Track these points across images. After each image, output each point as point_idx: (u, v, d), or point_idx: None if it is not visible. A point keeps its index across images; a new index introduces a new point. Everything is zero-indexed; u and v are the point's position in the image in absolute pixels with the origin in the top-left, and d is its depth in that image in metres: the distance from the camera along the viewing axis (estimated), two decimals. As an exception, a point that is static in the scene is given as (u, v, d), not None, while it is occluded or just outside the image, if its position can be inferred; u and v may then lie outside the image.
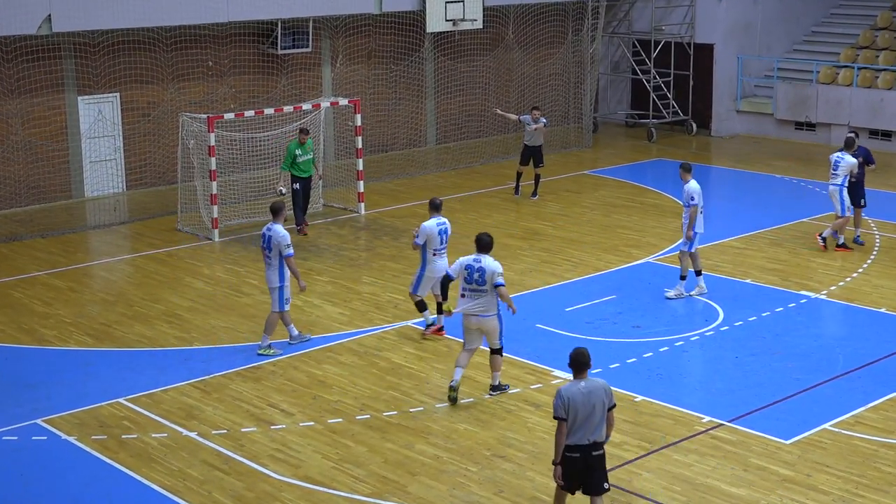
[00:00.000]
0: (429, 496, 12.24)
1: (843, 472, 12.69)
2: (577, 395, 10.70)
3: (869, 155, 21.63)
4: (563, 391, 10.77)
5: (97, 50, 24.80)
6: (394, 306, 18.18)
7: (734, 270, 19.94)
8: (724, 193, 27.28)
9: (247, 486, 12.52)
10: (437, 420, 14.13)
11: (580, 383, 10.79)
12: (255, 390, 15.12)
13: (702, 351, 16.34)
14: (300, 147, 22.15)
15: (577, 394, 10.71)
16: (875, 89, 30.23)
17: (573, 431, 10.71)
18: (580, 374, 10.87)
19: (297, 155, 22.15)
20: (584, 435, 10.74)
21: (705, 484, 12.44)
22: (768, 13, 33.25)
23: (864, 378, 15.27)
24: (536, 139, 25.18)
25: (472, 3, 29.20)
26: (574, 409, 10.66)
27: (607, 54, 34.51)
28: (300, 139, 22.17)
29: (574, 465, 10.81)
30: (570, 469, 10.84)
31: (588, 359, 10.89)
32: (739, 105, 32.91)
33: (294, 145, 22.18)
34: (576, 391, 10.73)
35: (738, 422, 13.95)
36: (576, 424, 10.70)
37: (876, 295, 18.61)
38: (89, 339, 17.05)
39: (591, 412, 10.70)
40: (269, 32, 26.94)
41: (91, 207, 24.89)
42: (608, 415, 10.83)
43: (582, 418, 10.69)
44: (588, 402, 10.69)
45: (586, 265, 20.37)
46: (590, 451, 10.79)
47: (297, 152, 22.14)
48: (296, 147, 22.15)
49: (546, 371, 15.44)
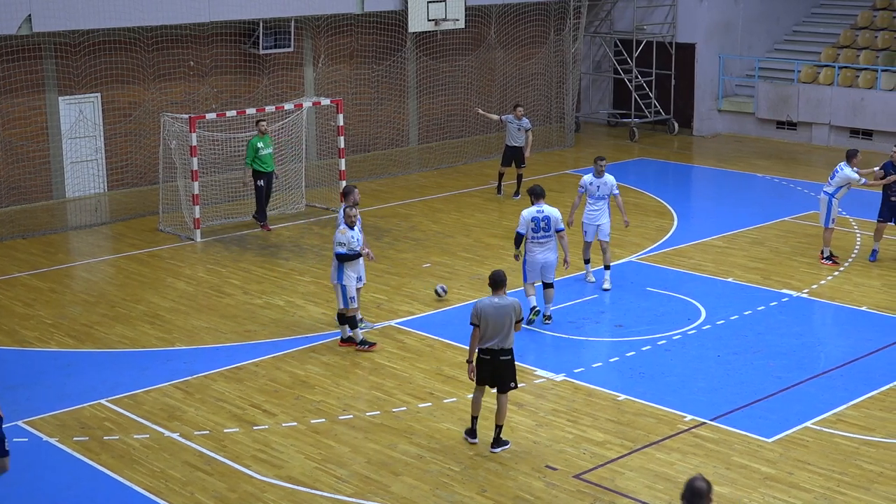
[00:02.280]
0: (412, 496, 12.24)
1: (825, 469, 12.74)
2: (489, 307, 12.76)
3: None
4: (478, 303, 12.86)
5: (78, 50, 24.71)
6: (376, 306, 18.17)
7: (716, 269, 20.00)
8: (706, 192, 27.37)
9: (229, 486, 12.50)
10: (420, 420, 14.13)
11: (494, 299, 12.84)
12: (238, 391, 15.09)
13: (684, 350, 16.38)
14: (261, 140, 22.19)
15: (489, 307, 12.77)
16: (856, 88, 30.35)
17: (485, 338, 12.78)
18: (496, 292, 12.89)
19: (259, 148, 22.20)
20: (495, 342, 12.78)
21: (688, 482, 12.47)
22: (749, 13, 33.36)
23: (845, 376, 15.33)
24: (518, 139, 25.19)
25: (454, 2, 29.20)
26: (486, 319, 12.73)
27: (589, 54, 34.57)
28: (260, 130, 22.21)
29: (485, 365, 12.95)
30: (482, 368, 12.99)
31: (503, 279, 12.91)
32: (721, 104, 33.01)
33: (256, 139, 22.24)
34: (488, 304, 12.79)
35: (720, 420, 13.99)
36: (487, 332, 12.76)
37: (857, 293, 18.69)
38: (70, 341, 16.99)
39: (500, 323, 12.73)
40: (251, 32, 26.89)
41: (72, 208, 24.80)
42: (514, 326, 12.82)
43: (493, 328, 12.75)
44: (498, 314, 12.74)
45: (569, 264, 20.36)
46: (498, 356, 12.90)
47: (259, 145, 22.19)
48: (257, 141, 22.20)
49: (529, 370, 15.46)
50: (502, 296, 12.91)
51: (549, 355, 16.15)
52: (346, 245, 15.88)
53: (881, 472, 12.67)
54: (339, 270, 16.04)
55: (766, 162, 29.04)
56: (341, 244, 15.87)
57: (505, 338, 12.86)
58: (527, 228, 16.94)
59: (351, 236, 15.95)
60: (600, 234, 18.86)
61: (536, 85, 32.63)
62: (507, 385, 13.10)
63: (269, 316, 17.93)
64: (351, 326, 16.42)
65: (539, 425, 13.93)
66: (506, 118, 25.52)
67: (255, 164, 22.32)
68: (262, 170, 22.40)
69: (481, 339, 12.84)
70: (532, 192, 17.39)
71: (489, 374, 13.06)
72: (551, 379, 15.31)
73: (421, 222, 23.44)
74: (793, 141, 31.39)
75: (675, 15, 32.88)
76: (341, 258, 15.91)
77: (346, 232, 15.92)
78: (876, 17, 32.54)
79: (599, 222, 18.83)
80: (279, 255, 21.19)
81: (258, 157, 22.26)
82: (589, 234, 18.93)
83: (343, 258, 15.90)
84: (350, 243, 15.93)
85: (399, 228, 22.95)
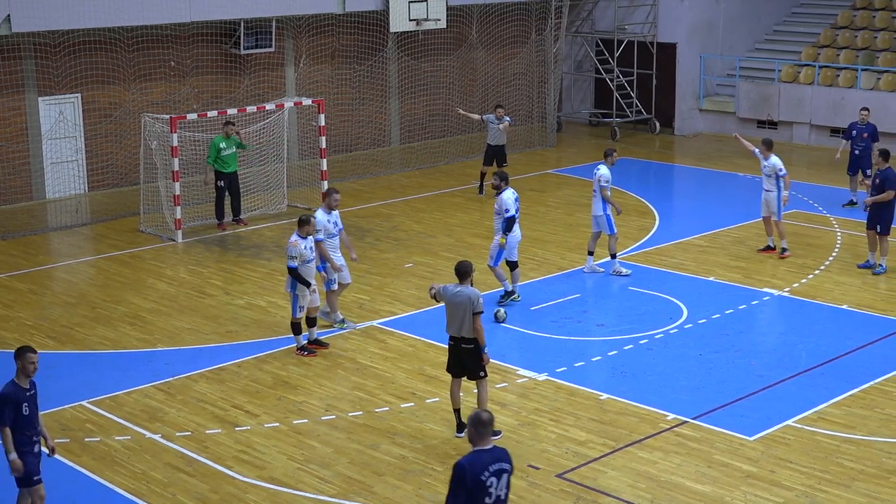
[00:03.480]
0: (395, 496, 12.23)
1: (807, 467, 12.79)
2: (448, 293, 13.18)
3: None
4: (440, 287, 13.35)
5: (58, 50, 24.61)
6: (359, 306, 18.16)
7: (698, 268, 20.05)
8: (687, 192, 27.44)
9: (211, 487, 12.47)
10: (402, 420, 14.13)
11: (456, 287, 13.17)
12: (220, 392, 15.06)
13: (666, 349, 16.41)
14: (225, 140, 22.22)
15: (448, 293, 13.18)
16: (836, 87, 30.47)
17: (448, 323, 13.24)
18: (459, 282, 13.19)
19: (222, 149, 22.22)
20: (455, 329, 13.15)
21: (670, 481, 12.50)
22: (730, 12, 33.45)
23: (826, 374, 15.39)
24: (500, 138, 25.24)
25: (436, 2, 29.18)
26: (445, 301, 13.20)
27: (570, 54, 34.61)
28: (226, 132, 22.23)
29: (451, 352, 13.35)
30: (450, 354, 13.39)
31: (467, 269, 13.21)
32: (702, 104, 33.09)
33: (219, 139, 22.31)
34: (450, 290, 13.20)
35: (702, 419, 14.02)
36: (448, 317, 13.21)
37: (837, 291, 18.76)
38: (51, 342, 16.93)
39: (456, 311, 13.06)
40: (232, 32, 26.84)
41: (52, 209, 24.70)
42: (473, 319, 12.96)
43: (450, 314, 13.16)
44: (454, 302, 13.07)
45: (551, 264, 20.43)
46: (459, 344, 13.20)
47: (221, 146, 22.23)
48: (220, 140, 22.26)
49: (511, 370, 15.47)
50: (464, 286, 13.14)
51: (531, 355, 16.17)
52: (297, 258, 15.74)
53: (862, 470, 12.72)
54: (292, 280, 15.90)
55: (747, 161, 29.06)
56: (293, 258, 15.70)
57: (461, 326, 13.10)
58: (517, 208, 17.66)
59: (304, 247, 15.85)
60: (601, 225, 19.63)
61: (518, 85, 32.66)
62: (477, 373, 13.29)
63: (251, 316, 17.90)
64: (294, 333, 16.30)
65: (521, 425, 13.94)
66: (487, 118, 25.61)
67: (217, 164, 22.36)
68: (223, 170, 22.44)
69: (447, 324, 13.32)
70: (504, 177, 18.02)
71: (456, 362, 13.36)
72: (534, 378, 15.33)
73: (403, 222, 23.44)
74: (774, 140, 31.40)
75: (656, 14, 32.95)
76: (293, 272, 15.76)
77: (297, 244, 15.75)
78: (856, 17, 32.68)
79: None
80: (261, 256, 21.15)
81: (220, 157, 22.30)
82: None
83: (294, 273, 15.75)
84: (303, 255, 15.81)
85: (381, 228, 22.94)
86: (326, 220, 16.39)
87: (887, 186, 19.29)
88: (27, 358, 10.74)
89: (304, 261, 15.85)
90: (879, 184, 19.47)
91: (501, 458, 8.94)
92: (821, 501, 12.05)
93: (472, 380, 13.39)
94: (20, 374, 10.76)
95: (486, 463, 8.83)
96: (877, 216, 19.51)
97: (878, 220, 19.51)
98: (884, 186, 19.35)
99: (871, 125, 23.82)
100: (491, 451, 8.91)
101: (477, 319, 13.08)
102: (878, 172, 19.66)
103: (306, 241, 15.93)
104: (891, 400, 14.56)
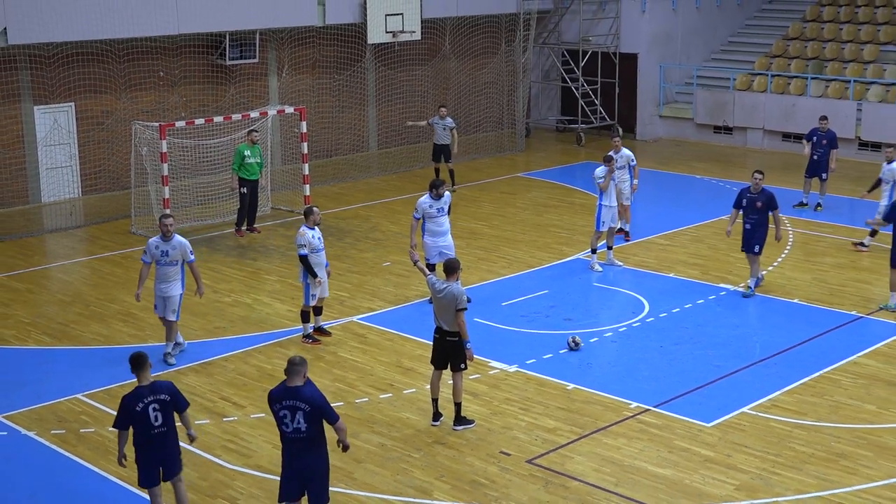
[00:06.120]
0: (374, 482, 12.24)
1: (761, 451, 12.87)
2: (434, 289, 13.19)
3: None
4: (430, 278, 13.45)
5: (52, 61, 24.48)
6: (339, 303, 18.14)
7: (659, 265, 20.13)
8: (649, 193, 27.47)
9: (200, 475, 12.45)
10: (381, 410, 14.13)
11: (442, 284, 13.12)
12: (208, 384, 15.02)
13: (629, 341, 16.47)
14: (249, 148, 22.01)
15: (434, 289, 13.19)
16: (787, 95, 30.64)
17: (435, 316, 13.24)
18: (447, 278, 13.17)
19: (246, 156, 22.01)
20: (440, 322, 13.16)
21: (633, 465, 12.56)
22: (688, 24, 33.59)
23: (779, 364, 15.49)
24: (444, 138, 25.80)
25: (411, 15, 29.19)
26: (432, 294, 13.21)
27: (538, 64, 34.66)
28: (251, 139, 22.03)
29: (436, 344, 13.36)
30: (434, 346, 13.41)
31: (454, 266, 13.24)
32: (662, 110, 33.21)
33: (243, 147, 22.05)
34: (435, 286, 13.20)
35: (663, 407, 14.09)
36: (434, 310, 13.23)
37: (789, 287, 18.87)
38: (47, 339, 16.85)
39: (441, 305, 13.08)
40: (218, 44, 26.75)
41: (48, 212, 24.56)
42: (456, 315, 12.99)
43: (436, 308, 13.20)
44: (438, 297, 13.10)
45: (520, 262, 20.47)
46: (445, 336, 13.21)
47: (246, 153, 22.00)
48: (245, 148, 22.02)
49: (484, 362, 15.48)
50: (450, 283, 13.10)
51: (502, 348, 16.20)
52: (306, 246, 15.85)
53: (812, 454, 12.81)
54: (304, 270, 16.00)
55: (703, 164, 29.25)
56: (302, 246, 15.84)
57: (447, 320, 13.11)
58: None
59: (311, 236, 15.91)
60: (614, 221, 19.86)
61: (489, 93, 32.68)
62: (458, 365, 13.28)
63: (237, 313, 17.86)
64: (303, 321, 16.43)
65: (493, 413, 13.97)
66: (432, 121, 26.00)
67: (242, 171, 22.08)
68: (247, 178, 22.17)
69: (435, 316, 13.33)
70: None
71: (440, 354, 13.35)
72: (504, 370, 15.36)
73: (381, 223, 23.43)
74: (729, 144, 31.64)
75: (618, 27, 33.03)
76: (302, 260, 15.87)
77: (305, 233, 15.88)
78: (806, 29, 32.87)
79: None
80: (247, 256, 21.11)
81: (244, 164, 22.04)
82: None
83: (304, 261, 15.86)
84: (311, 244, 15.89)
85: (360, 229, 22.92)
86: (311, 237, 15.96)
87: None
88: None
89: (314, 249, 15.90)
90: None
91: (296, 396, 10.02)
92: (774, 483, 12.13)
93: (453, 371, 13.37)
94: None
95: (281, 397, 10.07)
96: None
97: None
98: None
99: (831, 132, 23.80)
100: (290, 389, 10.06)
101: (460, 315, 13.08)
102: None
103: (314, 230, 15.95)
104: (839, 388, 14.66)
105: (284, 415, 10.09)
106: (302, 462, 10.23)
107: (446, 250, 17.41)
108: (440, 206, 17.60)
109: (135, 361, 10.74)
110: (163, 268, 15.42)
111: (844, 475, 12.30)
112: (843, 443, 13.10)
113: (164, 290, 15.45)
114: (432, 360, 13.58)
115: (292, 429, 10.09)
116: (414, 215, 17.70)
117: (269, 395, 10.22)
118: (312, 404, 10.05)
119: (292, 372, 10.11)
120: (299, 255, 15.92)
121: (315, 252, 16.06)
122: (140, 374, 10.72)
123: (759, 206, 17.97)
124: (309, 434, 10.11)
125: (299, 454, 10.20)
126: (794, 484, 12.12)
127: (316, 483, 10.33)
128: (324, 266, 16.24)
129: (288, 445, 10.25)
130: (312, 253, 16.00)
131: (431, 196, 17.64)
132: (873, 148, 28.91)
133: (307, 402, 10.03)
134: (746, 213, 18.13)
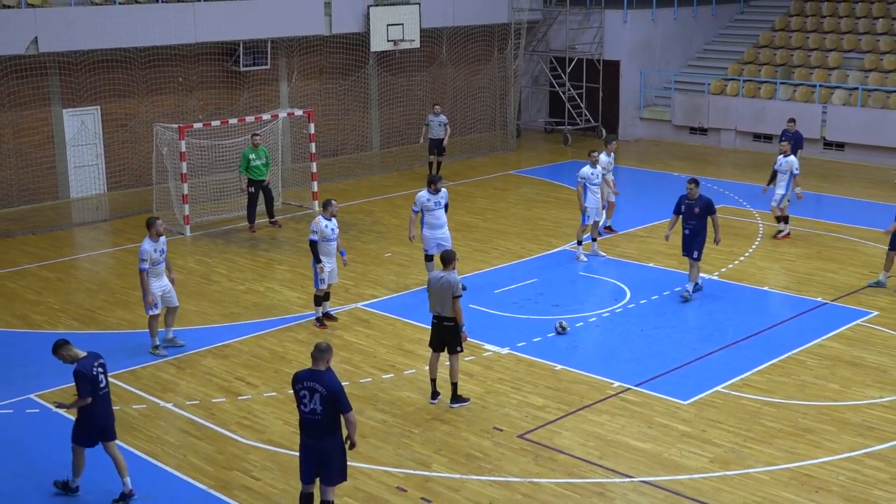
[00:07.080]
0: (376, 455, 12.24)
1: (733, 427, 12.88)
2: (433, 279, 13.24)
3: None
4: (431, 273, 13.52)
5: (79, 68, 24.42)
6: (345, 291, 18.13)
7: (639, 256, 20.12)
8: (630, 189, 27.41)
9: (217, 449, 12.45)
10: (384, 389, 14.13)
11: (440, 273, 13.20)
12: (224, 366, 15.02)
13: (612, 326, 16.47)
14: (254, 152, 21.95)
15: (434, 278, 13.25)
16: (758, 99, 30.61)
17: (432, 304, 13.27)
18: (443, 268, 13.25)
19: (251, 159, 21.94)
20: (437, 309, 13.21)
21: (616, 440, 12.57)
22: (666, 33, 33.54)
23: (750, 347, 15.49)
24: (439, 133, 26.14)
25: (411, 25, 29.13)
26: (431, 287, 13.25)
27: (528, 70, 34.60)
28: (254, 143, 21.97)
29: (434, 329, 13.38)
30: (433, 331, 13.42)
31: (450, 256, 13.35)
32: (642, 113, 33.16)
33: (248, 150, 21.97)
34: (433, 276, 13.28)
35: (643, 386, 14.10)
36: (432, 298, 13.25)
37: (760, 275, 18.87)
38: (76, 324, 16.83)
39: (440, 294, 13.10)
40: (233, 52, 26.69)
41: (76, 207, 24.53)
42: (453, 302, 13.05)
43: (434, 296, 13.20)
44: (437, 285, 13.14)
45: (512, 253, 20.46)
46: (442, 321, 13.27)
47: (250, 157, 21.93)
48: (250, 152, 21.94)
49: (479, 346, 15.49)
50: (447, 272, 13.14)
51: (495, 332, 16.19)
52: (318, 234, 15.85)
53: (781, 429, 12.83)
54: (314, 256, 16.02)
55: (680, 163, 29.23)
56: (314, 232, 15.88)
57: (443, 307, 13.12)
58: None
59: (325, 226, 15.90)
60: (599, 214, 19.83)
61: (482, 97, 32.63)
62: (454, 348, 13.29)
63: (251, 300, 17.85)
64: (315, 304, 16.45)
65: (487, 392, 13.97)
66: (428, 118, 26.28)
67: (249, 172, 22.00)
68: (253, 178, 22.11)
69: (431, 305, 13.33)
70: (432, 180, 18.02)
71: (438, 338, 13.35)
72: (497, 352, 15.36)
73: (383, 217, 23.40)
74: (703, 144, 31.60)
75: (602, 36, 32.99)
76: (311, 246, 15.88)
77: (319, 221, 15.88)
78: (775, 37, 32.83)
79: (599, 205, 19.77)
80: (259, 247, 21.09)
81: (250, 166, 21.96)
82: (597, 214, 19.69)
83: (312, 245, 15.87)
84: (323, 232, 15.90)
85: (364, 223, 22.91)
86: (324, 226, 15.91)
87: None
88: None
89: (325, 238, 15.88)
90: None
91: (316, 379, 10.09)
92: (746, 456, 12.15)
93: (450, 353, 13.37)
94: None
95: (304, 378, 10.13)
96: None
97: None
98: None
99: (798, 133, 23.53)
100: (313, 372, 10.12)
101: (456, 302, 13.08)
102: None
103: (330, 221, 15.93)
104: (805, 368, 14.67)
105: (304, 395, 10.10)
106: (316, 445, 10.16)
107: (443, 242, 17.39)
108: (437, 200, 17.57)
109: (59, 344, 11.34)
110: (158, 266, 15.16)
111: (810, 448, 12.31)
112: (809, 419, 13.11)
113: (163, 286, 15.23)
114: (430, 343, 13.56)
115: (309, 409, 10.07)
116: (413, 209, 17.67)
117: (293, 376, 10.28)
118: (329, 389, 10.02)
119: (317, 357, 10.20)
120: (309, 241, 15.91)
121: (326, 241, 16.02)
122: (69, 352, 11.25)
123: (696, 211, 17.40)
124: (324, 418, 10.04)
125: (314, 436, 10.13)
126: (763, 457, 12.14)
127: (329, 466, 10.21)
128: (332, 255, 16.20)
129: (304, 427, 10.17)
130: (323, 241, 15.98)
131: (429, 191, 17.61)
132: (837, 148, 28.92)
133: (325, 386, 10.01)
134: (685, 218, 17.54)
